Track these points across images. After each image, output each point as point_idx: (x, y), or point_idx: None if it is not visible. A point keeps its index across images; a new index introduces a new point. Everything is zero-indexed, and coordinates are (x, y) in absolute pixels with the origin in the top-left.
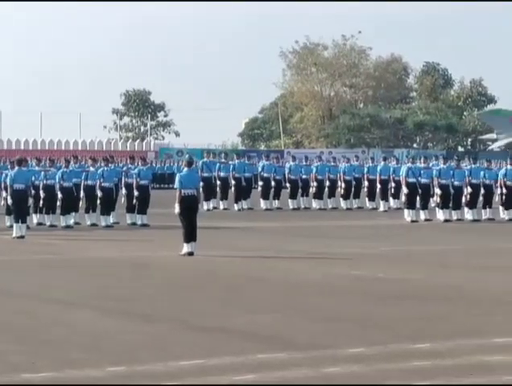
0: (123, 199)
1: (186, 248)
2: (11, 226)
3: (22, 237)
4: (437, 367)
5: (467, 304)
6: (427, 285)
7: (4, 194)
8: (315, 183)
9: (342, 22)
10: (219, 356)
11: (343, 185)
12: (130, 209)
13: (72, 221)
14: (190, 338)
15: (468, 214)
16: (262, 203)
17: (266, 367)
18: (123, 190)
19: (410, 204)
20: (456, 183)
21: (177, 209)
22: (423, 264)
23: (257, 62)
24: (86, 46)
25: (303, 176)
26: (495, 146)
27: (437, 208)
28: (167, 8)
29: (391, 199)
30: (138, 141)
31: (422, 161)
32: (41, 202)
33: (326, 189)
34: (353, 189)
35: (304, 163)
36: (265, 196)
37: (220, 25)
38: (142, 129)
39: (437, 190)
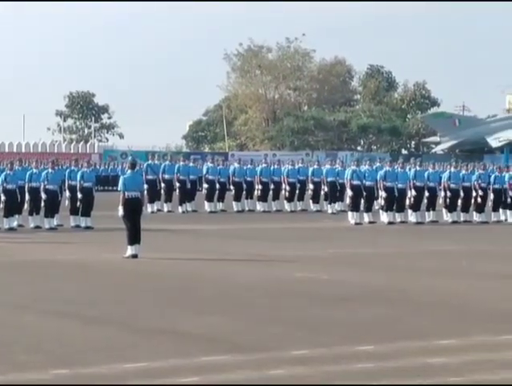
0: (67, 202)
1: (130, 250)
2: None
3: None
4: (381, 370)
5: (411, 306)
6: (371, 287)
7: None
8: (259, 186)
9: (286, 24)
10: (163, 359)
11: (287, 187)
12: (74, 211)
13: (15, 223)
14: (134, 340)
15: (411, 216)
16: (207, 206)
17: (209, 369)
18: (67, 193)
19: (355, 207)
20: (399, 186)
21: (121, 212)
22: (367, 267)
23: (201, 64)
24: (30, 47)
25: (248, 178)
26: (438, 149)
27: (381, 211)
28: (112, 9)
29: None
30: (82, 143)
31: (366, 163)
32: None
33: (270, 191)
34: (297, 191)
35: (249, 166)
36: (209, 198)
37: (165, 26)
38: (86, 131)
39: (382, 193)
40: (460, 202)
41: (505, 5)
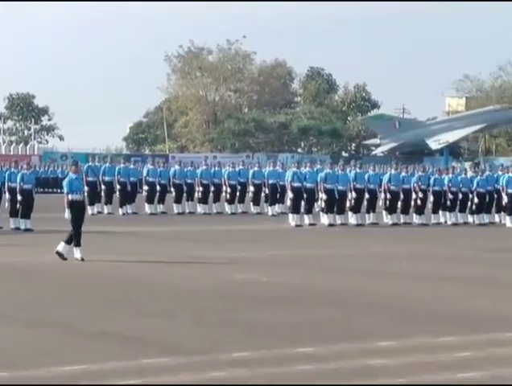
0: (6, 204)
1: (75, 253)
2: None
3: None
4: (322, 371)
5: (351, 308)
6: (311, 289)
7: None
8: (200, 188)
9: (227, 26)
10: (103, 361)
11: (228, 190)
12: (14, 213)
13: None
14: (75, 342)
15: (352, 218)
16: (147, 208)
17: (150, 371)
18: (6, 195)
19: (295, 209)
20: (340, 188)
21: (67, 214)
22: (307, 269)
23: (142, 66)
24: None
25: (188, 180)
26: (379, 151)
27: (321, 213)
28: (50, 10)
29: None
30: (21, 145)
31: (307, 165)
32: None
33: (211, 194)
34: (238, 193)
35: (189, 168)
36: (150, 201)
37: (106, 27)
38: (26, 132)
39: (322, 195)
40: (400, 204)
41: (444, 6)
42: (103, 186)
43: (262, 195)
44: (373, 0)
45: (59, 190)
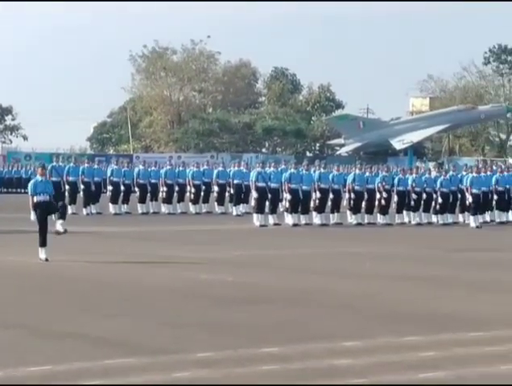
0: None
1: (40, 253)
2: None
3: None
4: (286, 371)
5: (316, 308)
6: (276, 289)
7: None
8: (164, 188)
9: (191, 26)
10: (67, 362)
11: (192, 190)
12: None
13: None
14: (40, 343)
15: (316, 218)
16: (111, 208)
17: (114, 372)
18: None
19: (259, 209)
20: (304, 188)
21: (32, 216)
22: (272, 269)
23: (106, 66)
24: None
25: (153, 180)
26: (343, 151)
27: (286, 213)
28: (13, 9)
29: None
30: None
31: (271, 165)
32: None
33: (175, 194)
34: (202, 193)
35: (153, 168)
36: (114, 201)
37: (69, 27)
38: None
39: (286, 195)
40: (364, 204)
41: (408, 6)
42: (67, 187)
43: (227, 195)
44: (338, 0)
45: (23, 191)
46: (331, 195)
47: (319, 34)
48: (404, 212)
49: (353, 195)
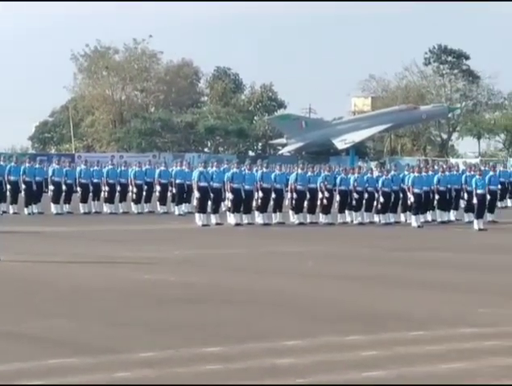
0: None
1: None
2: None
3: None
4: (229, 371)
5: (258, 307)
6: (218, 288)
7: None
8: (106, 187)
9: (133, 25)
10: (7, 362)
11: (134, 189)
12: None
13: None
14: None
15: (258, 218)
16: (53, 208)
17: (56, 372)
18: None
19: (202, 208)
20: (246, 187)
21: None
22: (214, 268)
23: (47, 65)
24: None
25: (95, 180)
26: (285, 151)
27: (228, 212)
28: None
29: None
30: None
31: (214, 165)
32: None
33: (117, 193)
34: (144, 193)
35: (95, 167)
36: (56, 200)
37: (10, 24)
38: None
39: (229, 195)
40: (306, 203)
41: (350, 6)
42: (8, 186)
43: (169, 194)
44: (279, 0)
45: None
46: (273, 195)
47: (261, 34)
48: (346, 212)
49: (295, 195)
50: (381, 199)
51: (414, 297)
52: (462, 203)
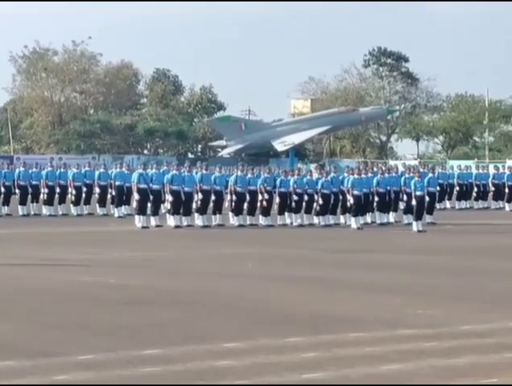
0: None
1: None
2: None
3: None
4: (168, 373)
5: (198, 309)
6: (158, 290)
7: None
8: (45, 189)
9: (73, 27)
10: None
11: (73, 191)
12: None
13: None
14: None
15: (198, 220)
16: None
17: None
18: None
19: (141, 210)
20: (186, 189)
21: None
22: (154, 270)
23: None
24: None
25: (33, 182)
26: (225, 153)
27: (168, 214)
28: None
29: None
30: None
31: (153, 167)
32: None
33: (56, 195)
34: (83, 195)
35: (34, 169)
36: None
37: None
38: None
39: (168, 197)
40: (246, 205)
41: (289, 7)
42: None
43: (109, 196)
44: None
45: None
46: (213, 197)
47: (200, 36)
48: (286, 214)
49: (234, 197)
50: (321, 201)
51: (353, 299)
52: (401, 205)
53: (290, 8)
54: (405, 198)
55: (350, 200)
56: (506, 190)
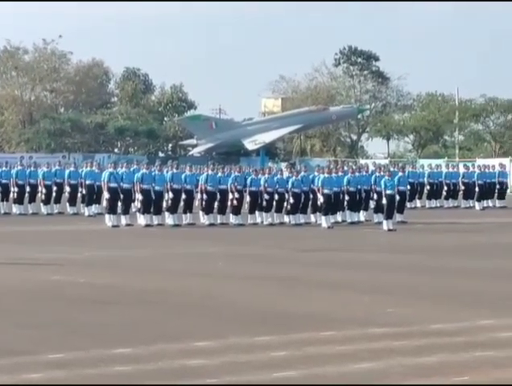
0: None
1: None
2: None
3: None
4: (139, 372)
5: (168, 308)
6: (129, 289)
7: None
8: (15, 188)
9: (43, 25)
10: None
11: (44, 190)
12: None
13: None
14: None
15: (169, 219)
16: None
17: None
18: None
19: (112, 209)
20: (157, 188)
21: None
22: (125, 269)
23: None
24: None
25: (3, 181)
26: (195, 152)
27: (138, 213)
28: None
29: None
30: None
31: (124, 166)
32: None
33: (26, 194)
34: (54, 194)
35: (4, 168)
36: None
37: None
38: None
39: (139, 196)
40: (216, 204)
41: (261, 7)
42: None
43: (79, 195)
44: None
45: None
46: (183, 196)
47: (171, 34)
48: (256, 212)
49: (205, 196)
50: (291, 200)
51: (323, 298)
52: (372, 204)
53: (261, 6)
54: (375, 197)
55: (320, 199)
56: (476, 189)
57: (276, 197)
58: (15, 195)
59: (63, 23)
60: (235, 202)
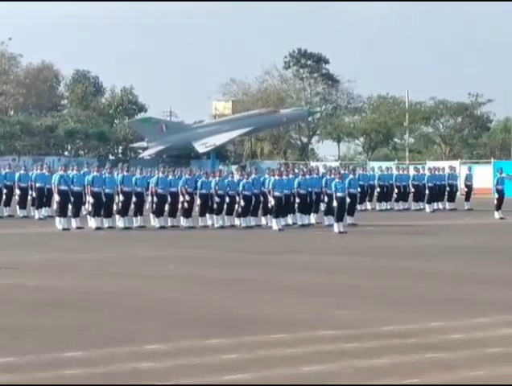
0: None
1: None
2: None
3: None
4: (90, 375)
5: (119, 311)
6: (79, 293)
7: None
8: None
9: None
10: None
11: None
12: None
13: None
14: None
15: (119, 221)
16: None
17: None
18: None
19: (62, 212)
20: (107, 191)
21: None
22: (75, 272)
23: None
24: None
25: None
26: (146, 154)
27: (88, 216)
28: None
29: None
30: None
31: (74, 168)
32: None
33: None
34: (4, 197)
35: None
36: None
37: None
38: None
39: (89, 198)
40: (167, 207)
41: (210, 7)
42: None
43: (29, 198)
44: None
45: None
46: (134, 198)
47: (121, 37)
48: (207, 215)
49: (155, 199)
50: (242, 203)
51: (273, 301)
52: (322, 206)
53: (211, 8)
54: (326, 199)
55: (271, 201)
56: (426, 191)
57: (227, 200)
58: None
59: (12, 25)
60: (186, 205)
